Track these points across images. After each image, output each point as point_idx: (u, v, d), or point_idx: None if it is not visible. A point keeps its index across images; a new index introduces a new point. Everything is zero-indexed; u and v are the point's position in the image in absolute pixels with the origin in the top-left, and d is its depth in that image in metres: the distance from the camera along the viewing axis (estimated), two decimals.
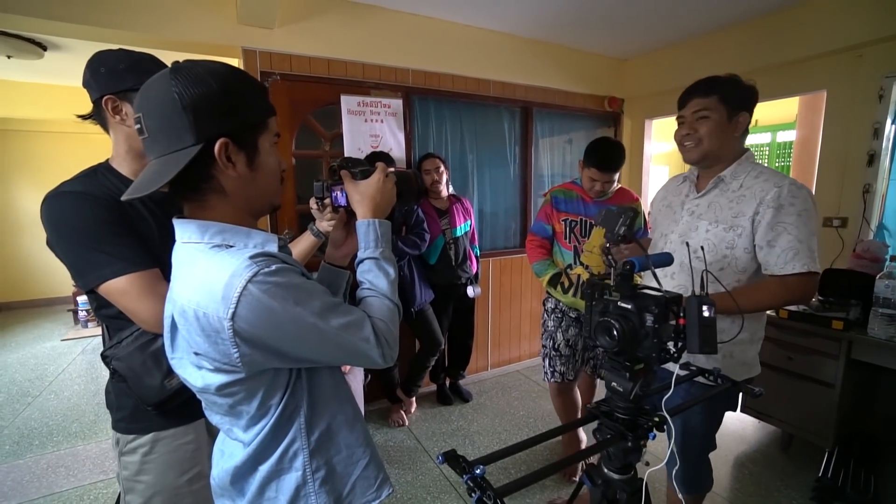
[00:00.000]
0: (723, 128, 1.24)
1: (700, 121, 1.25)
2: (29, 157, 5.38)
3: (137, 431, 0.96)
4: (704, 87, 1.25)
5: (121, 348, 0.90)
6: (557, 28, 2.97)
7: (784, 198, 1.16)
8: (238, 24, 2.24)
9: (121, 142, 0.96)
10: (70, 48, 2.99)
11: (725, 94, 1.23)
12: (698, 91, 1.26)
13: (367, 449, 0.78)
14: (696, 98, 1.26)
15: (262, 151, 0.68)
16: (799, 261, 1.14)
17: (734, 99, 1.23)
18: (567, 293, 1.98)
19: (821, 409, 2.08)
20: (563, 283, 1.99)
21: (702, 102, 1.24)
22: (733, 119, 1.24)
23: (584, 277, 1.92)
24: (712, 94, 1.23)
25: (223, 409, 0.69)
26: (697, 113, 1.25)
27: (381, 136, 2.71)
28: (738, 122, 1.25)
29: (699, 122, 1.26)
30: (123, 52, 0.94)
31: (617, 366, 0.92)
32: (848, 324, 1.99)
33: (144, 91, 0.62)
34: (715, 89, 1.23)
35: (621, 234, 0.92)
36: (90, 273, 0.84)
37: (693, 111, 1.26)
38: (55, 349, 4.11)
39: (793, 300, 1.21)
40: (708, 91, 1.24)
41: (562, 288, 1.99)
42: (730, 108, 1.23)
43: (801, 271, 1.14)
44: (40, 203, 0.88)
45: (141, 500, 0.95)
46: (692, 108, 1.27)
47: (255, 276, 0.58)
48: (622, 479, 0.95)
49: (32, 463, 2.34)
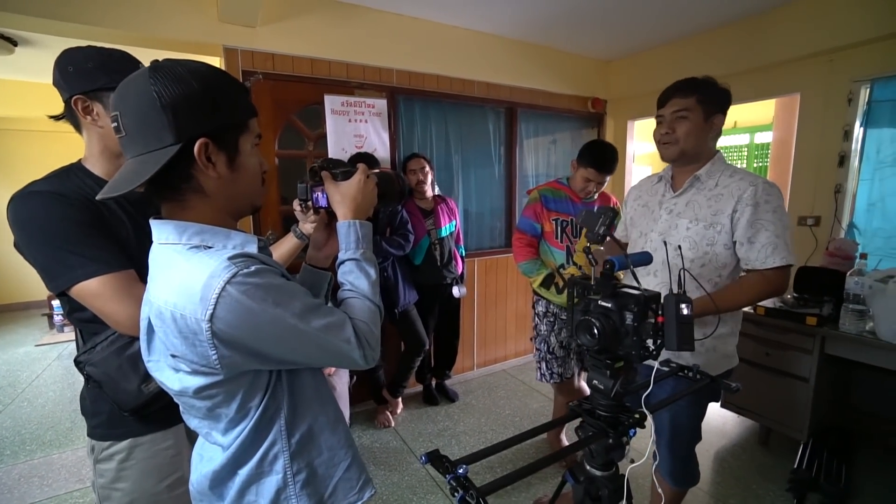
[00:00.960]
0: (700, 128, 1.28)
1: (678, 121, 1.29)
2: (1, 157, 5.19)
3: (114, 438, 0.93)
4: (684, 88, 1.29)
5: (95, 353, 0.87)
6: (542, 29, 2.99)
7: (760, 196, 1.22)
8: (219, 22, 2.20)
9: (93, 142, 0.94)
10: (42, 44, 2.90)
11: (704, 96, 1.27)
12: (678, 91, 1.30)
13: (348, 451, 0.78)
14: (675, 98, 1.30)
15: (242, 152, 0.67)
16: (778, 255, 1.20)
17: (711, 101, 1.27)
18: (561, 294, 1.98)
19: (796, 403, 2.14)
20: (556, 283, 1.99)
21: (681, 102, 1.28)
22: (709, 120, 1.28)
23: None
24: (691, 95, 1.27)
25: (201, 412, 0.67)
26: (676, 113, 1.29)
27: (365, 137, 2.70)
28: (713, 124, 1.29)
29: (677, 122, 1.29)
30: (93, 50, 0.91)
31: (598, 364, 0.94)
32: (821, 319, 2.05)
33: (122, 89, 0.61)
34: (694, 90, 1.27)
35: (601, 233, 0.93)
36: (61, 275, 0.81)
37: (672, 111, 1.30)
38: (29, 354, 3.98)
39: (772, 292, 1.26)
40: (687, 92, 1.28)
41: (556, 289, 1.99)
42: (707, 110, 1.27)
43: (781, 265, 1.21)
44: (6, 204, 0.84)
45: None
46: (671, 107, 1.30)
47: (233, 277, 0.57)
48: (604, 475, 0.96)
49: (3, 473, 2.26)
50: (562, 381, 2.09)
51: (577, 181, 1.99)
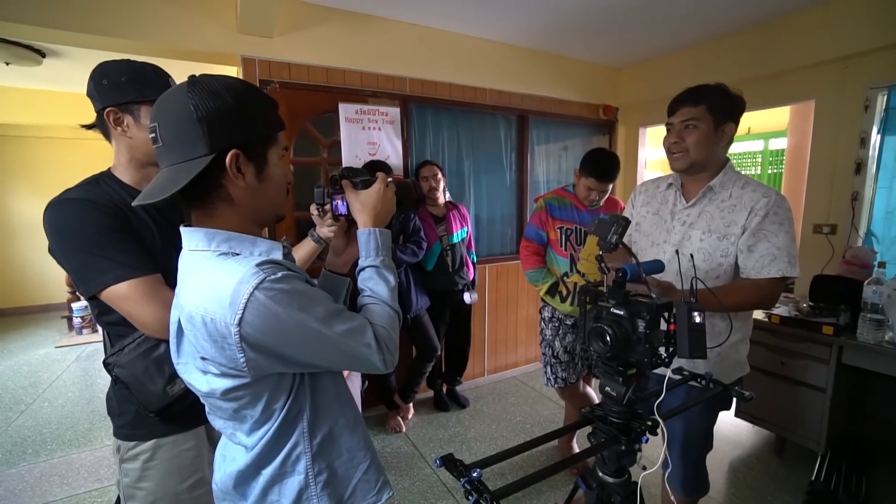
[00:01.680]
0: (709, 137, 1.26)
1: (688, 130, 1.27)
2: (25, 163, 5.37)
3: (139, 438, 0.96)
4: (693, 96, 1.27)
5: (123, 355, 0.90)
6: (553, 38, 3.02)
7: (771, 207, 1.22)
8: (238, 33, 2.27)
9: (122, 151, 0.98)
10: (68, 55, 3.00)
11: (713, 104, 1.25)
12: (688, 100, 1.28)
13: (367, 452, 0.80)
14: (685, 107, 1.28)
15: (270, 163, 0.70)
16: (775, 266, 1.20)
17: (721, 109, 1.25)
18: (565, 302, 1.99)
19: (813, 414, 2.11)
20: (560, 292, 2.00)
21: (690, 111, 1.26)
22: (720, 129, 1.26)
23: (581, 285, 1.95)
24: (701, 104, 1.25)
25: (227, 413, 0.70)
26: (686, 122, 1.27)
27: (378, 144, 2.74)
28: (724, 132, 1.27)
29: (687, 132, 1.28)
30: (126, 64, 0.95)
31: (610, 371, 0.95)
32: (838, 329, 2.02)
33: (161, 102, 0.65)
34: (703, 99, 1.25)
35: (613, 241, 0.95)
36: (92, 279, 0.85)
37: (681, 119, 1.28)
38: (49, 356, 4.08)
39: (761, 303, 1.25)
40: (697, 100, 1.26)
41: (560, 297, 2.00)
42: (717, 118, 1.25)
43: (776, 276, 1.20)
44: (43, 210, 0.88)
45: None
46: (680, 116, 1.29)
47: (261, 283, 0.60)
48: (616, 482, 0.97)
49: (26, 472, 2.32)
50: (566, 386, 2.10)
51: (580, 189, 2.00)
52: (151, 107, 0.88)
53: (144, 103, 0.94)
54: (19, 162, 5.35)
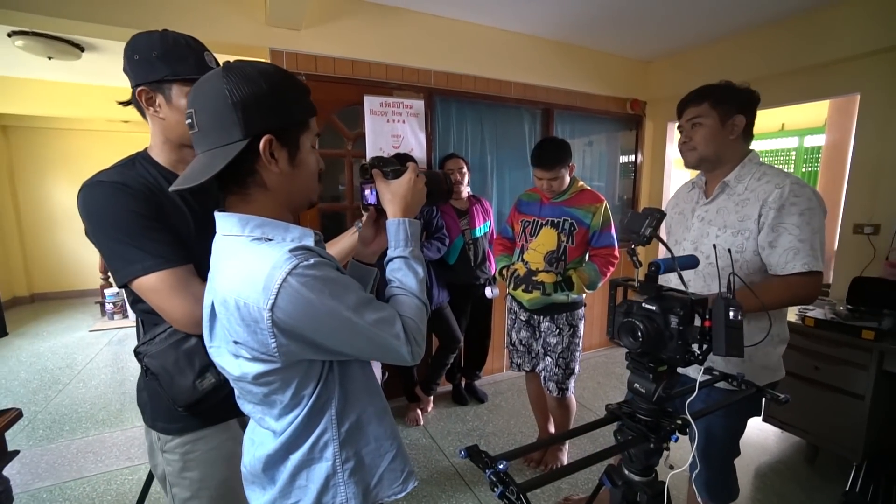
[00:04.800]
0: (717, 132, 1.27)
1: (694, 128, 1.30)
2: (65, 154, 5.60)
3: (174, 433, 0.94)
4: (696, 95, 1.31)
5: (154, 345, 0.88)
6: (579, 30, 2.96)
7: (786, 198, 1.17)
8: (266, 26, 2.30)
9: (157, 132, 0.94)
10: (106, 49, 3.11)
11: (717, 99, 1.26)
12: (692, 100, 1.32)
13: (394, 442, 0.80)
14: (689, 107, 1.32)
15: (303, 149, 0.70)
16: (799, 260, 1.15)
17: (726, 102, 1.26)
18: (509, 286, 2.10)
19: (849, 422, 2.02)
20: (502, 273, 2.16)
21: (694, 110, 1.30)
22: (728, 122, 1.26)
23: (521, 272, 2.02)
24: (704, 101, 1.28)
25: (257, 397, 0.71)
26: (691, 121, 1.31)
27: (402, 137, 2.74)
28: (733, 125, 1.27)
29: (693, 130, 1.31)
30: (158, 37, 0.88)
31: (640, 367, 0.92)
32: (880, 333, 1.92)
33: (197, 88, 0.65)
34: (706, 96, 1.28)
35: (647, 234, 0.92)
36: (122, 269, 0.83)
37: (688, 119, 1.32)
38: (83, 339, 4.26)
39: (797, 299, 1.21)
40: (699, 99, 1.29)
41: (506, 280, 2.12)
42: (723, 112, 1.26)
43: (802, 270, 1.15)
44: (77, 192, 0.86)
45: (188, 493, 0.95)
46: (687, 115, 1.32)
47: (294, 269, 0.60)
48: (643, 481, 0.95)
49: (63, 447, 2.43)
50: (520, 371, 2.22)
51: (535, 182, 2.02)
52: (184, 86, 0.87)
53: (177, 82, 0.88)
54: (59, 154, 5.58)
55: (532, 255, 1.99)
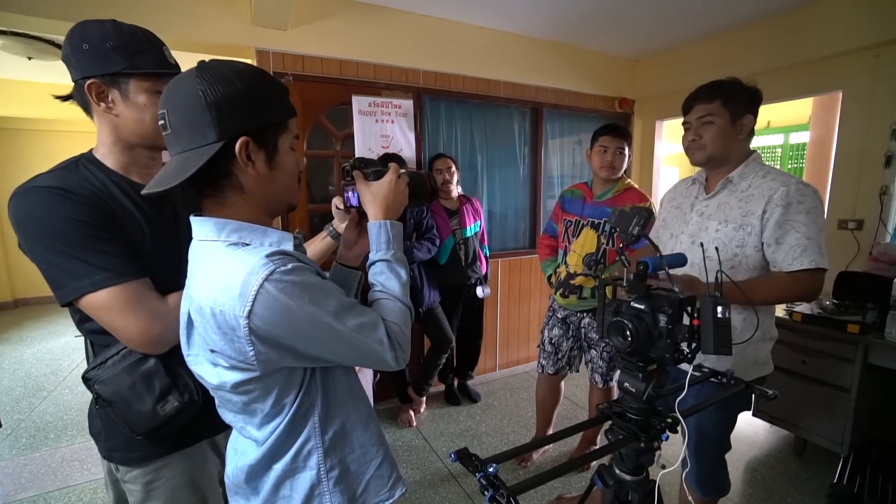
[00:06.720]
0: (727, 131, 1.26)
1: (704, 126, 1.28)
2: (47, 156, 5.42)
3: (132, 463, 0.85)
4: (707, 93, 1.28)
5: (106, 369, 0.79)
6: (568, 29, 2.96)
7: (792, 196, 1.18)
8: (252, 26, 2.27)
9: (106, 131, 0.83)
10: None
11: (728, 98, 1.25)
12: (701, 96, 1.29)
13: (380, 448, 0.78)
14: (699, 104, 1.29)
15: (281, 151, 0.68)
16: (807, 257, 1.15)
17: (737, 102, 1.25)
18: (556, 292, 2.05)
19: (836, 415, 2.05)
20: (550, 280, 2.10)
21: (705, 108, 1.27)
22: (737, 122, 1.26)
23: (562, 275, 2.00)
24: (715, 99, 1.26)
25: (238, 406, 0.69)
26: (702, 119, 1.28)
27: (391, 137, 2.72)
28: (742, 125, 1.26)
29: (704, 128, 1.28)
30: (112, 26, 0.80)
31: (630, 366, 0.92)
32: (865, 327, 1.95)
33: (170, 88, 0.63)
34: (718, 94, 1.26)
35: (635, 233, 0.92)
36: (66, 285, 0.73)
37: (697, 116, 1.29)
38: (69, 345, 4.18)
39: (802, 295, 1.21)
40: (711, 96, 1.26)
41: (554, 287, 2.07)
42: (733, 112, 1.25)
43: (809, 267, 1.15)
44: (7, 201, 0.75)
45: None
46: (696, 113, 1.29)
47: (271, 275, 0.58)
48: (634, 480, 0.94)
49: (48, 456, 2.38)
50: (542, 373, 2.18)
51: (595, 160, 1.96)
52: (143, 81, 0.81)
53: (135, 76, 0.80)
54: (42, 156, 5.44)
55: (572, 258, 1.96)
